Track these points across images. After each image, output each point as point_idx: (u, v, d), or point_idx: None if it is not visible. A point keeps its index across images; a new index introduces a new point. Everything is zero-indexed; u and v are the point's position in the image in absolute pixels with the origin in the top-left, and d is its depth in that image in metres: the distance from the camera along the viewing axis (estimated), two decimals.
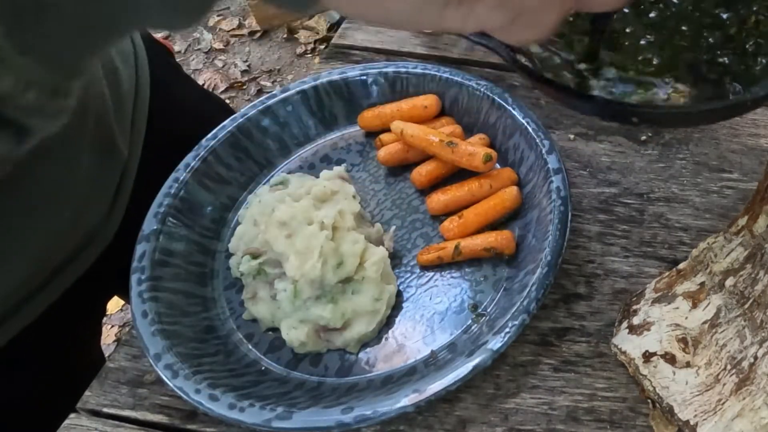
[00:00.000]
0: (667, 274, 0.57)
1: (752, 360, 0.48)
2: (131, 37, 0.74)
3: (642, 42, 0.55)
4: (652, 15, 0.55)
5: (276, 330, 0.57)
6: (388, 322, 0.57)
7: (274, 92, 0.69)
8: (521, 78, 0.74)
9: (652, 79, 0.52)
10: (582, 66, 0.54)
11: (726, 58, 0.53)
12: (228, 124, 0.66)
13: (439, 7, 0.29)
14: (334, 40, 0.80)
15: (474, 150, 0.62)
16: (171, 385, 0.51)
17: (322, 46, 2.36)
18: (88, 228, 0.66)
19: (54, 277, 0.64)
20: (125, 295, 0.86)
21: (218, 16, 2.53)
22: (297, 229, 0.57)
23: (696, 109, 0.52)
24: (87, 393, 0.56)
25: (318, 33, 2.41)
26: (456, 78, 0.67)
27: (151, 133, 0.73)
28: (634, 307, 0.56)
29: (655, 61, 0.53)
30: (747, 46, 0.53)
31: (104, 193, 0.68)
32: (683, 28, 0.54)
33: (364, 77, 0.69)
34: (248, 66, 2.37)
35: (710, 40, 0.53)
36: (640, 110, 0.52)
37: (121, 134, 0.68)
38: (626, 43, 0.54)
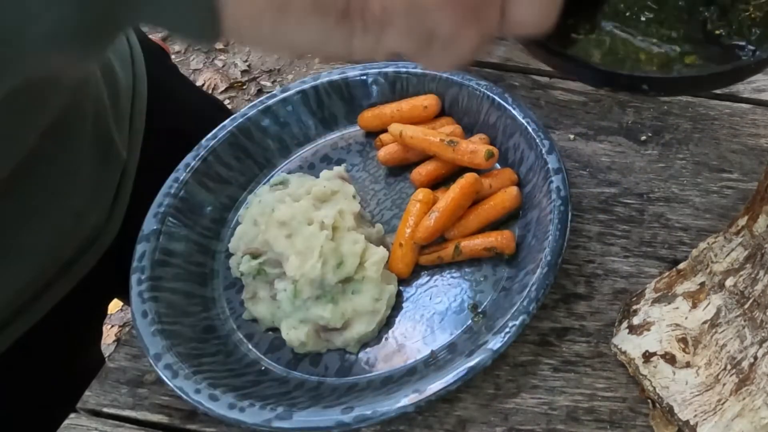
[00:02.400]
0: (667, 274, 0.57)
1: (752, 360, 0.48)
2: (127, 38, 0.74)
3: (642, 19, 0.58)
4: None
5: (276, 330, 0.57)
6: (388, 322, 0.57)
7: (274, 92, 0.69)
8: (520, 78, 0.74)
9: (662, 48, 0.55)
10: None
11: (722, 31, 0.56)
12: (228, 124, 0.66)
13: (345, 37, 0.27)
14: None
15: (475, 147, 0.62)
16: (171, 385, 0.51)
17: None
18: (90, 230, 0.66)
19: (56, 280, 0.64)
20: (125, 297, 0.86)
21: None
22: (297, 229, 0.57)
23: (706, 73, 0.55)
24: (87, 393, 0.56)
25: None
26: (456, 78, 0.67)
27: (150, 134, 0.73)
28: (634, 307, 0.56)
29: (660, 32, 0.57)
30: (740, 18, 0.55)
31: (104, 195, 0.68)
32: (680, 3, 0.57)
33: (364, 77, 0.69)
34: (248, 66, 2.37)
35: (705, 14, 0.56)
36: (650, 78, 0.55)
37: (119, 135, 0.68)
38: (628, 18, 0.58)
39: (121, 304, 1.69)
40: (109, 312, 1.76)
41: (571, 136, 0.69)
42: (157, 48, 0.83)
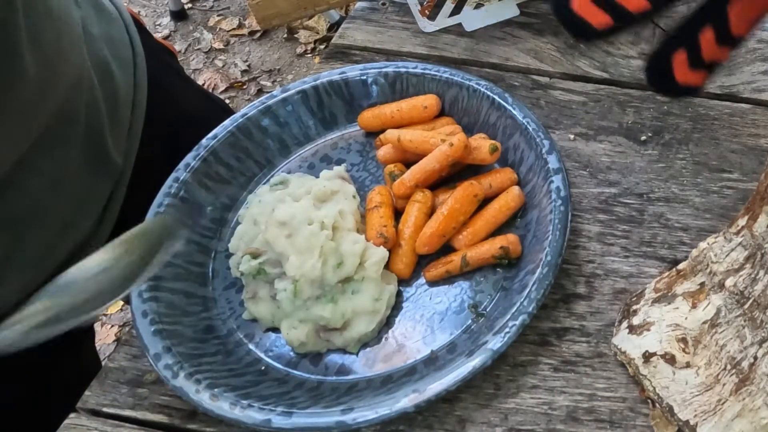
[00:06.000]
0: (667, 274, 0.57)
1: (752, 360, 0.48)
2: (131, 41, 0.72)
3: None
4: None
5: (276, 330, 0.58)
6: (388, 322, 0.57)
7: (274, 92, 0.69)
8: (520, 78, 0.74)
9: None
10: None
11: None
12: (228, 124, 0.66)
13: None
14: (334, 40, 0.80)
15: (478, 143, 0.62)
16: (171, 385, 0.51)
17: (322, 46, 2.36)
18: (78, 240, 0.64)
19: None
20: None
21: (218, 16, 2.53)
22: (297, 229, 0.57)
23: None
24: (87, 393, 0.56)
25: (318, 33, 2.41)
26: (456, 78, 0.67)
27: (148, 139, 0.71)
28: (634, 307, 0.56)
29: None
30: None
31: (94, 204, 0.66)
32: None
33: (364, 77, 0.69)
34: (248, 66, 2.37)
35: None
36: None
37: (115, 143, 0.67)
38: None
39: (121, 303, 1.69)
40: (109, 312, 1.77)
41: (571, 136, 0.69)
42: (164, 50, 0.82)
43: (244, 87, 2.31)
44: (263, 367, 0.56)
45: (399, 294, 0.59)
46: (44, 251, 0.61)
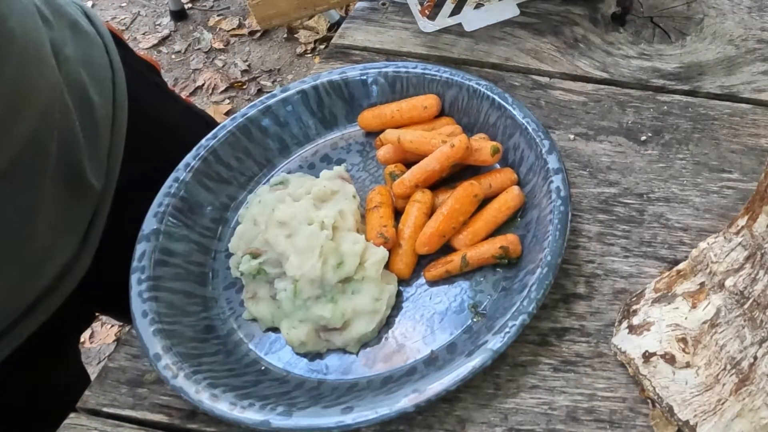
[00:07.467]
0: (667, 274, 0.57)
1: (752, 360, 0.48)
2: (110, 60, 0.69)
3: None
4: None
5: (276, 330, 0.57)
6: (388, 322, 0.57)
7: (274, 92, 0.69)
8: (520, 78, 0.74)
9: None
10: None
11: None
12: (228, 124, 0.66)
13: None
14: (334, 40, 0.80)
15: (479, 145, 0.62)
16: (171, 385, 0.51)
17: (322, 46, 2.36)
18: (59, 266, 0.63)
19: (20, 321, 0.61)
20: (110, 313, 0.83)
21: (218, 16, 2.53)
22: (297, 229, 0.57)
23: None
24: (87, 393, 0.56)
25: (318, 33, 2.41)
26: (456, 78, 0.67)
27: (129, 158, 0.69)
28: (634, 307, 0.56)
29: None
30: None
31: (74, 231, 0.64)
32: None
33: (364, 77, 0.69)
34: (248, 66, 2.37)
35: None
36: None
37: (93, 168, 0.65)
38: None
39: None
40: None
41: (571, 136, 0.69)
42: (146, 65, 0.80)
43: (244, 87, 2.31)
44: (263, 367, 0.56)
45: (399, 294, 0.59)
46: (16, 289, 0.60)
